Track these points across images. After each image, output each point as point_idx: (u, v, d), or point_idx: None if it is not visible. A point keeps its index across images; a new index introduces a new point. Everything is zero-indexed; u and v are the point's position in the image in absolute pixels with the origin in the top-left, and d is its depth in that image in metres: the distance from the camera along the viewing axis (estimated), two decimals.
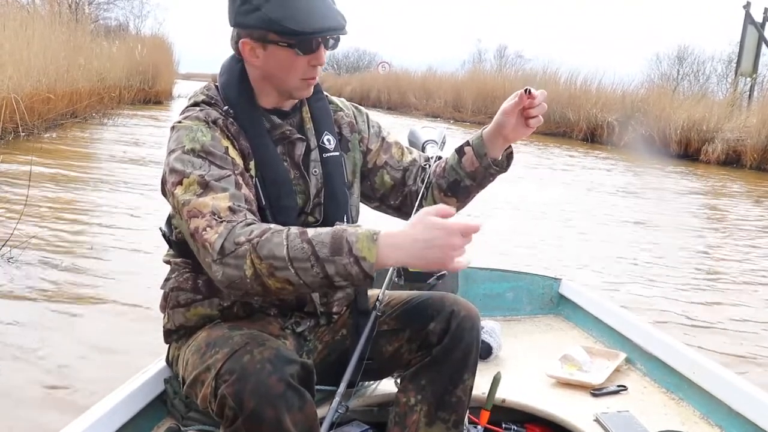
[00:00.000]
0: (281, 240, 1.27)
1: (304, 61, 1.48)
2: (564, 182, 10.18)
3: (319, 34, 1.45)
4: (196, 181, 1.37)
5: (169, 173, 1.42)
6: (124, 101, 16.33)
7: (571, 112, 17.56)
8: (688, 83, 26.24)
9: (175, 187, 1.39)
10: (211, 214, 1.33)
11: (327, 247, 1.26)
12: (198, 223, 1.33)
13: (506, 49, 39.13)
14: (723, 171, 12.82)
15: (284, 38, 1.44)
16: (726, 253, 6.24)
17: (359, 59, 47.89)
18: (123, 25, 25.59)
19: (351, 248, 1.25)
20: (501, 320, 2.48)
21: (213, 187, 1.37)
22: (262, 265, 1.27)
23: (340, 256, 1.25)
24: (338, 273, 1.26)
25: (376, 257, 1.24)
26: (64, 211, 5.93)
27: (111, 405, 1.56)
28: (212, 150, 1.42)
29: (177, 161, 1.41)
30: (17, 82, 9.34)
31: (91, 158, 9.31)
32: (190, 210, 1.35)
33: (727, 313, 4.45)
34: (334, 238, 1.26)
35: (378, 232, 1.26)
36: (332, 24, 1.46)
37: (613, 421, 1.80)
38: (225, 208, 1.34)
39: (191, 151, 1.41)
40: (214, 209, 1.33)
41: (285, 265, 1.26)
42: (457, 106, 22.73)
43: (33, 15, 12.25)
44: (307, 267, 1.26)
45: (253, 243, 1.28)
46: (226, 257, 1.29)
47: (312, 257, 1.26)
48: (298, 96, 1.56)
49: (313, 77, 1.52)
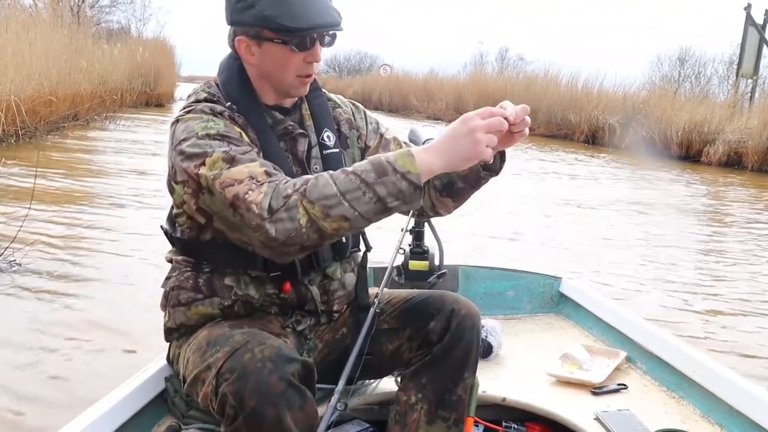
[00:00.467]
0: (327, 180, 1.32)
1: (299, 57, 1.48)
2: (564, 184, 10.17)
3: (314, 30, 1.45)
4: (221, 158, 1.37)
5: (187, 158, 1.39)
6: (125, 104, 16.36)
7: (573, 114, 17.50)
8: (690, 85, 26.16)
9: (198, 168, 1.38)
10: (249, 178, 1.34)
11: (372, 173, 1.31)
12: (237, 189, 1.34)
13: (508, 51, 39.13)
14: (724, 172, 12.79)
15: (279, 35, 1.44)
16: (729, 254, 6.22)
17: (361, 62, 47.97)
18: (125, 28, 25.75)
19: (394, 167, 1.31)
20: (501, 319, 2.48)
21: (240, 159, 1.37)
22: (315, 208, 1.30)
23: (387, 175, 1.31)
24: (389, 193, 1.31)
25: (418, 167, 1.31)
26: (65, 211, 5.94)
27: (112, 403, 1.57)
28: (227, 134, 1.42)
29: (193, 147, 1.39)
30: (19, 84, 9.37)
31: (92, 160, 9.31)
32: (223, 181, 1.35)
33: (730, 313, 4.45)
34: (374, 164, 1.32)
35: (410, 149, 1.35)
36: (327, 20, 1.46)
37: (614, 420, 1.80)
38: (261, 172, 1.35)
39: (206, 135, 1.40)
40: (251, 174, 1.35)
41: (338, 200, 1.30)
42: (459, 109, 22.62)
43: (35, 18, 12.29)
44: (359, 195, 1.30)
45: (301, 191, 1.31)
46: (277, 212, 1.30)
47: (362, 184, 1.30)
48: (294, 94, 1.56)
49: (308, 74, 1.52)
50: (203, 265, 1.54)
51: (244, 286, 1.52)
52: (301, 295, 1.57)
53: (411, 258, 2.36)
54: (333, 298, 1.63)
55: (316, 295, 1.59)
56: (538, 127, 17.88)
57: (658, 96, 16.67)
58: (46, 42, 11.29)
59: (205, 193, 1.39)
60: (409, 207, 1.35)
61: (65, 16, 13.59)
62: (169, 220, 1.60)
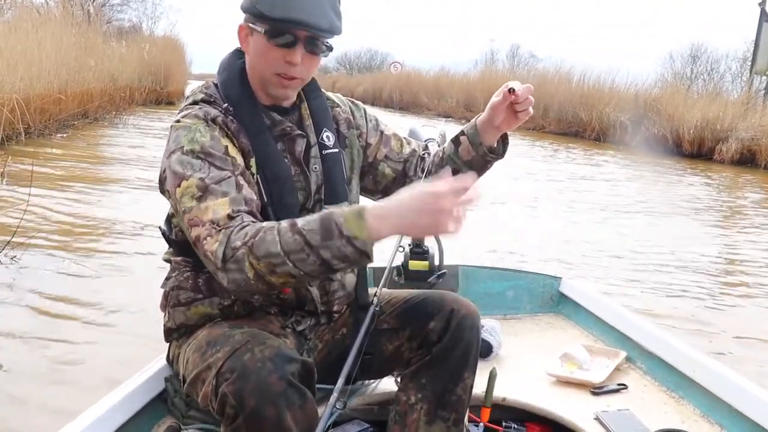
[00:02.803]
0: (274, 237, 1.28)
1: (278, 53, 1.45)
2: (571, 181, 10.14)
3: (286, 24, 1.42)
4: (195, 185, 1.37)
5: (170, 174, 1.41)
6: (135, 102, 16.32)
7: (584, 112, 17.47)
8: (702, 82, 25.91)
9: (174, 189, 1.40)
10: (210, 223, 1.34)
11: (318, 234, 1.27)
12: (199, 231, 1.35)
13: (519, 48, 39.11)
14: (737, 171, 12.74)
15: (258, 22, 1.45)
16: (739, 253, 6.20)
17: (371, 59, 48.17)
18: (136, 26, 25.76)
19: (341, 230, 1.26)
20: (501, 319, 2.48)
21: (213, 191, 1.37)
22: (260, 264, 1.28)
23: (331, 239, 1.26)
24: (334, 256, 1.27)
25: (366, 233, 1.25)
26: (69, 209, 5.94)
27: (111, 403, 1.57)
28: (211, 151, 1.41)
29: (177, 163, 1.40)
30: (28, 82, 9.38)
31: (100, 158, 9.33)
32: (191, 218, 1.36)
33: (736, 315, 4.43)
34: (322, 224, 1.27)
35: (364, 208, 1.28)
36: (307, 19, 1.41)
37: (614, 420, 1.80)
38: (224, 216, 1.34)
39: (190, 152, 1.40)
40: (213, 218, 1.34)
41: (282, 260, 1.27)
42: (469, 106, 22.66)
43: (45, 16, 12.29)
44: (303, 257, 1.27)
45: (249, 245, 1.29)
46: (228, 263, 1.30)
47: (306, 247, 1.27)
48: (273, 93, 1.53)
49: (288, 76, 1.48)
50: (202, 265, 1.53)
51: None
52: (301, 296, 1.57)
53: (411, 258, 2.36)
54: (333, 298, 1.62)
55: (315, 295, 1.59)
56: (549, 124, 17.88)
57: (670, 93, 16.57)
58: (56, 40, 11.28)
59: (179, 216, 1.42)
60: (358, 267, 1.34)
61: (76, 14, 13.57)
62: (166, 221, 1.61)
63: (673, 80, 22.19)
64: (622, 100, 17.06)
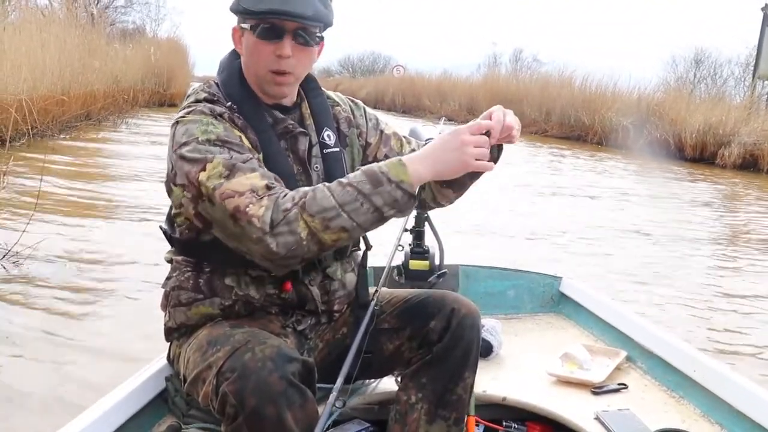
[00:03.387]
0: (325, 193, 1.35)
1: (268, 49, 1.46)
2: (573, 185, 10.12)
3: (271, 16, 1.43)
4: (222, 164, 1.37)
5: (187, 164, 1.39)
6: (138, 103, 16.31)
7: (586, 116, 17.48)
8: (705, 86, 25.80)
9: (198, 173, 1.38)
10: (250, 191, 1.35)
11: (368, 183, 1.35)
12: (238, 201, 1.34)
13: (522, 52, 39.02)
14: (739, 175, 12.71)
15: (245, 20, 1.46)
16: (739, 257, 6.20)
17: (374, 62, 48.31)
18: (140, 28, 25.82)
19: (388, 177, 1.36)
20: (502, 318, 2.48)
21: (240, 168, 1.37)
22: (315, 221, 1.33)
23: (382, 185, 1.35)
24: (386, 202, 1.36)
25: (411, 176, 1.36)
26: (72, 211, 5.95)
27: (112, 403, 1.57)
28: (228, 139, 1.41)
29: (193, 151, 1.39)
30: (32, 84, 9.39)
31: (102, 160, 9.33)
32: (223, 192, 1.36)
33: (738, 317, 4.43)
34: (368, 175, 1.37)
35: (400, 157, 1.40)
36: (289, 8, 1.42)
37: (614, 419, 1.80)
38: (263, 185, 1.36)
39: (207, 141, 1.40)
40: (252, 187, 1.35)
41: (337, 212, 1.33)
42: (472, 110, 22.56)
43: (50, 18, 12.30)
44: (357, 206, 1.34)
45: (300, 205, 1.33)
46: (278, 226, 1.32)
47: (359, 195, 1.35)
48: (269, 92, 1.53)
49: (281, 71, 1.48)
50: (204, 265, 1.54)
51: (244, 286, 1.52)
52: (302, 295, 1.57)
53: (411, 258, 2.36)
54: (333, 298, 1.62)
55: (316, 295, 1.59)
56: (552, 128, 17.86)
57: (673, 98, 16.56)
58: (60, 42, 11.30)
59: (205, 201, 1.39)
60: (403, 214, 1.40)
61: (80, 16, 13.60)
62: (168, 220, 1.60)
63: (676, 84, 22.15)
64: (624, 104, 17.04)
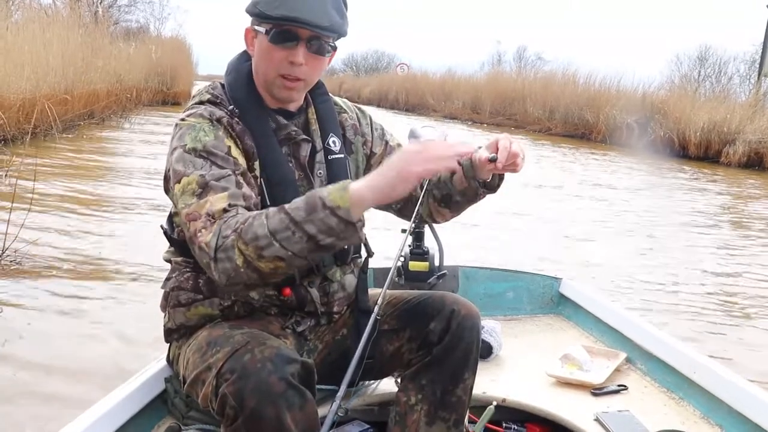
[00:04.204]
0: (261, 220, 1.30)
1: (281, 53, 1.46)
2: (575, 183, 10.13)
3: (285, 23, 1.42)
4: (196, 181, 1.37)
5: (172, 171, 1.42)
6: (142, 102, 16.32)
7: (590, 114, 17.47)
8: (710, 84, 25.74)
9: (174, 185, 1.40)
10: (206, 215, 1.34)
11: (302, 210, 1.29)
12: (196, 225, 1.35)
13: (526, 50, 39.07)
14: (744, 173, 12.70)
15: (260, 23, 1.46)
16: (741, 256, 6.17)
17: (378, 60, 48.41)
18: (144, 27, 25.87)
19: (324, 202, 1.28)
20: (501, 320, 2.48)
21: (213, 186, 1.37)
22: (249, 249, 1.29)
23: (315, 212, 1.28)
24: (320, 230, 1.28)
25: (349, 201, 1.27)
26: (72, 209, 5.94)
27: (111, 404, 1.56)
28: (213, 150, 1.41)
29: (178, 160, 1.41)
30: (35, 83, 9.39)
31: (104, 158, 9.32)
32: (189, 213, 1.36)
33: (737, 315, 4.43)
34: (307, 200, 1.30)
35: (349, 182, 1.31)
36: (307, 18, 1.41)
37: (614, 421, 1.80)
38: (220, 209, 1.35)
39: (192, 150, 1.41)
40: (209, 211, 1.35)
41: (269, 241, 1.28)
42: (476, 108, 22.65)
43: (53, 17, 12.30)
44: (288, 235, 1.28)
45: (238, 231, 1.30)
46: (218, 252, 1.31)
47: (291, 224, 1.28)
48: (279, 96, 1.53)
49: (292, 77, 1.48)
50: None
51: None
52: (301, 297, 1.57)
53: (411, 259, 2.36)
54: (333, 299, 1.62)
55: (315, 296, 1.58)
56: (555, 126, 17.87)
57: (677, 96, 16.54)
58: (63, 41, 11.31)
59: (179, 215, 1.41)
60: (347, 242, 1.32)
61: (83, 15, 13.59)
62: (168, 219, 1.60)
63: (681, 82, 22.12)
64: (628, 102, 17.04)
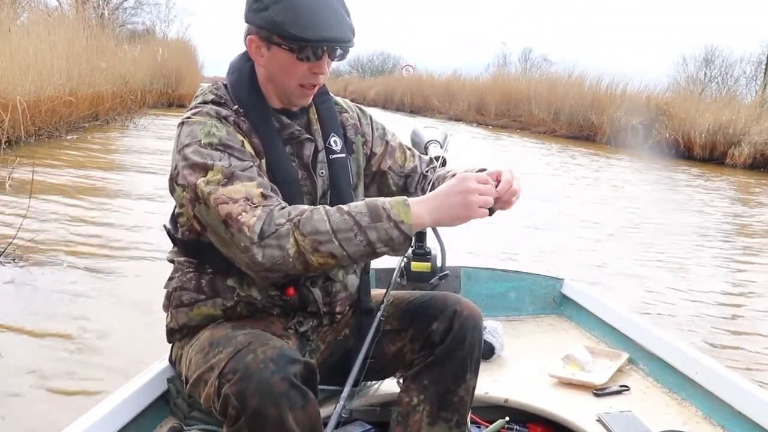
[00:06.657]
0: (322, 216, 1.34)
1: (304, 67, 1.48)
2: (580, 184, 10.11)
3: (321, 44, 1.45)
4: (221, 171, 1.38)
5: (188, 166, 1.40)
6: (147, 104, 16.33)
7: (595, 115, 17.48)
8: (716, 86, 25.59)
9: (197, 178, 1.39)
10: (244, 199, 1.36)
11: (367, 216, 1.35)
12: (231, 208, 1.35)
13: (531, 51, 39.02)
14: (749, 175, 12.66)
15: (286, 42, 1.45)
16: (749, 261, 6.17)
17: (384, 62, 48.59)
18: (150, 29, 25.91)
19: (389, 214, 1.35)
20: (503, 320, 2.48)
21: (239, 176, 1.38)
22: (305, 241, 1.32)
23: (380, 221, 1.35)
24: (380, 239, 1.35)
25: (412, 219, 1.35)
26: (75, 209, 5.96)
27: (114, 404, 1.57)
28: (229, 143, 1.42)
29: (195, 154, 1.40)
30: (40, 85, 9.41)
31: (108, 160, 9.34)
32: (217, 197, 1.36)
33: (746, 322, 4.41)
34: (370, 207, 1.36)
35: (407, 198, 1.39)
36: (337, 35, 1.45)
37: (616, 421, 1.80)
38: (258, 194, 1.37)
39: (209, 144, 1.41)
40: (247, 195, 1.36)
41: (329, 237, 1.33)
42: (480, 110, 22.65)
43: (58, 20, 12.31)
44: (350, 237, 1.33)
45: (295, 222, 1.33)
46: (267, 239, 1.32)
47: (355, 226, 1.34)
48: (295, 103, 1.56)
49: (312, 85, 1.52)
50: (206, 266, 1.54)
51: (246, 287, 1.52)
52: (304, 297, 1.57)
53: (413, 259, 2.35)
54: (335, 299, 1.62)
55: (318, 296, 1.59)
56: (560, 128, 17.88)
57: (683, 97, 16.50)
58: (68, 43, 11.32)
59: (201, 204, 1.40)
60: (397, 254, 1.40)
61: (89, 17, 13.59)
62: (171, 219, 1.60)
63: (686, 84, 22.03)
64: (633, 103, 17.02)
